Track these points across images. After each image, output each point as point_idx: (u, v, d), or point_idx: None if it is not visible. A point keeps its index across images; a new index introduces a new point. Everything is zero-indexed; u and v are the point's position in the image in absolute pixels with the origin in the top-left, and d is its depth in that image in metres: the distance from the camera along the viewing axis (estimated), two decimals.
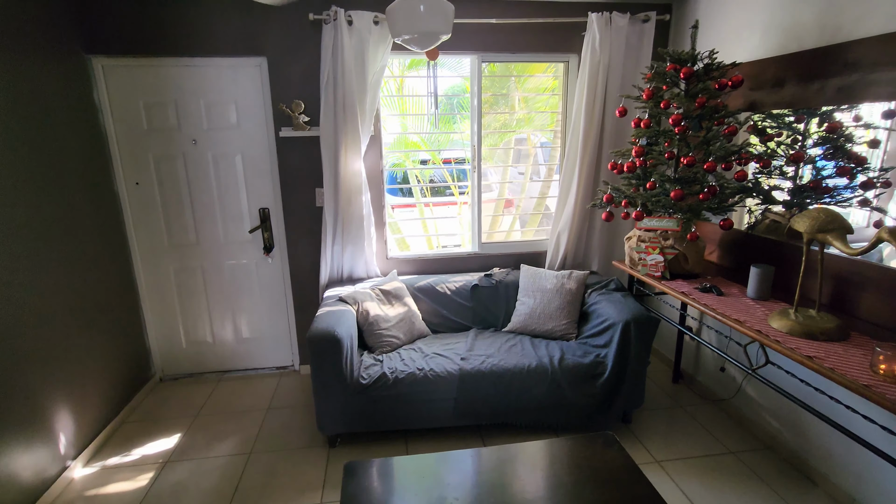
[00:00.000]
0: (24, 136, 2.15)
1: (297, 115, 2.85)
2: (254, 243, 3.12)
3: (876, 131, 1.88)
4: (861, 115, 1.92)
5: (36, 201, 2.20)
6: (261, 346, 3.31)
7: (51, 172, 2.31)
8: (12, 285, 2.02)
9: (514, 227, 4.05)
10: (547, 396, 2.47)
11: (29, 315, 2.11)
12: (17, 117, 2.12)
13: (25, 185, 2.14)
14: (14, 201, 2.07)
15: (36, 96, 2.24)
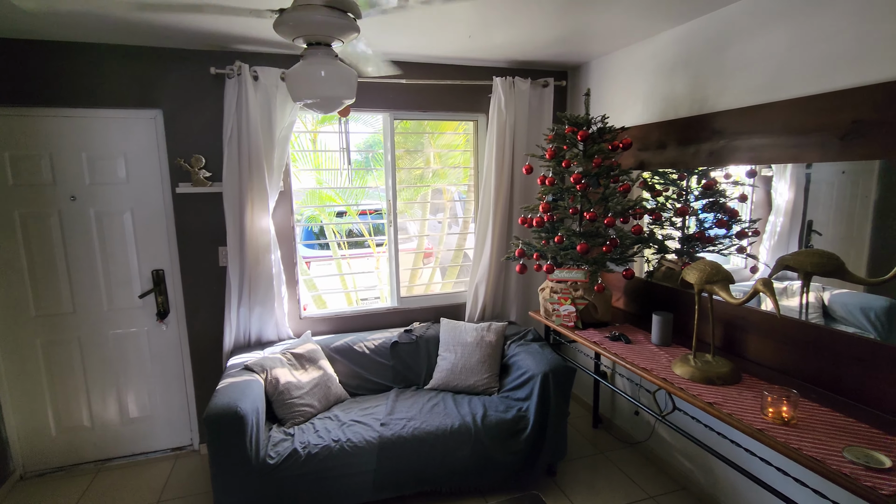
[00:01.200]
0: None
1: (198, 171, 2.67)
2: (145, 309, 2.80)
3: (743, 188, 2.13)
4: (731, 173, 2.17)
5: None
6: (152, 425, 2.91)
7: None
8: None
9: (433, 279, 4.04)
10: (471, 457, 2.38)
11: None
12: None
13: None
14: None
15: None
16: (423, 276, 4.02)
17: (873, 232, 1.64)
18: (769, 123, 1.93)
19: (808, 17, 1.78)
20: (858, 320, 1.69)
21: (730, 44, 2.10)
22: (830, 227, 1.78)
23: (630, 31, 2.46)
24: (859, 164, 1.64)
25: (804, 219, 1.89)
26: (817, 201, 1.82)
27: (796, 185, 1.90)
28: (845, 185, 1.71)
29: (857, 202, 1.69)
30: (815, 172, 1.81)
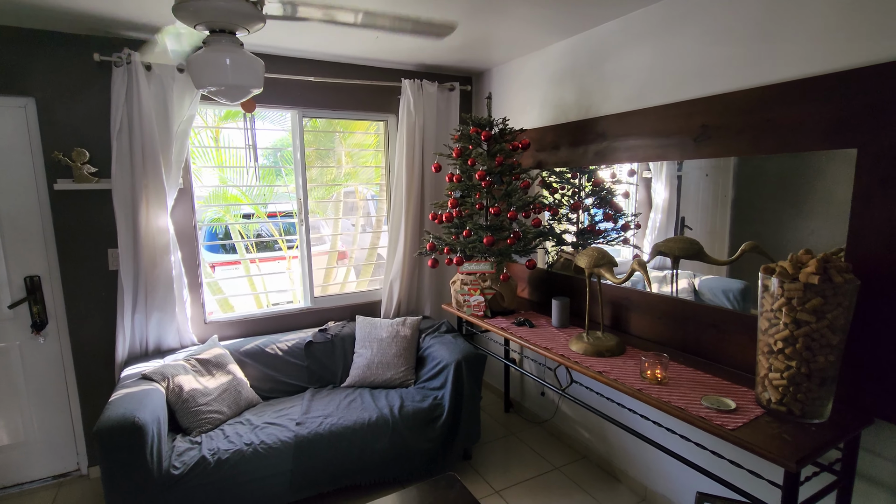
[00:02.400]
0: None
1: (80, 166, 2.44)
2: (17, 321, 2.49)
3: (626, 186, 2.42)
4: (616, 173, 2.45)
5: None
6: (28, 453, 2.58)
7: None
8: None
9: (348, 279, 4.02)
10: (390, 449, 2.43)
11: None
12: None
13: None
14: None
15: None
16: (337, 276, 3.99)
17: (732, 225, 1.95)
18: (640, 127, 2.22)
19: (665, 39, 2.09)
20: (721, 300, 2.00)
21: (608, 57, 2.39)
22: (699, 222, 2.06)
23: (525, 42, 2.68)
24: (719, 169, 1.94)
25: (678, 215, 2.17)
26: (688, 200, 2.11)
27: (670, 186, 2.18)
28: (709, 186, 2.00)
29: (718, 201, 1.98)
30: (685, 175, 2.10)
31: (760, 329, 1.56)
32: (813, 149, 1.62)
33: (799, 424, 1.47)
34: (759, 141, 1.76)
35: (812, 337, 1.42)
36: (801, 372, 1.45)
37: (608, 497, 2.43)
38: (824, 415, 1.48)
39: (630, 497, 2.43)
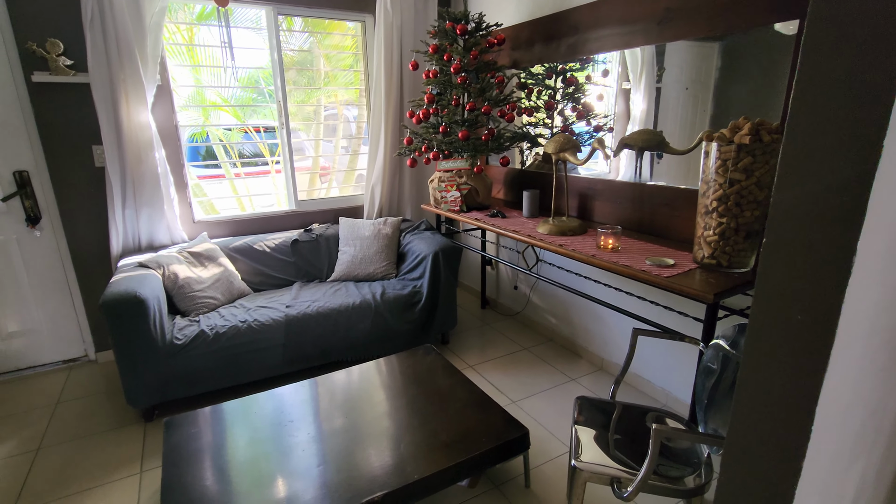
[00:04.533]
0: None
1: (55, 57, 2.44)
2: (11, 215, 2.59)
3: (602, 88, 2.48)
4: (591, 74, 2.51)
5: None
6: (37, 339, 2.78)
7: None
8: None
9: (331, 186, 4.12)
10: (372, 329, 2.67)
11: None
12: None
13: None
14: None
15: None
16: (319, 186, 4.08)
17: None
18: (610, 16, 2.27)
19: None
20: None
21: None
22: (677, 136, 2.08)
23: None
24: (699, 83, 1.93)
25: (655, 128, 2.18)
26: (666, 113, 2.12)
27: (648, 98, 2.20)
28: (688, 100, 2.01)
29: (696, 115, 2.00)
30: (665, 88, 2.10)
31: (700, 193, 1.73)
32: (761, 24, 1.71)
33: (725, 274, 1.68)
34: (714, 21, 1.84)
35: (741, 194, 1.59)
36: (730, 227, 1.64)
37: (569, 368, 2.73)
38: (748, 264, 1.69)
39: (589, 367, 2.73)
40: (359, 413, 1.87)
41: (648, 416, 1.54)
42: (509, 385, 2.57)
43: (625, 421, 1.57)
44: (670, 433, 1.17)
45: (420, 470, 1.56)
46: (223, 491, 1.50)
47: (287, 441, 1.73)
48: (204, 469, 1.61)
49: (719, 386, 1.30)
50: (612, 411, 1.61)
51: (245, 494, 1.49)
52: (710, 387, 1.36)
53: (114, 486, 1.92)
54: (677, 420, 1.56)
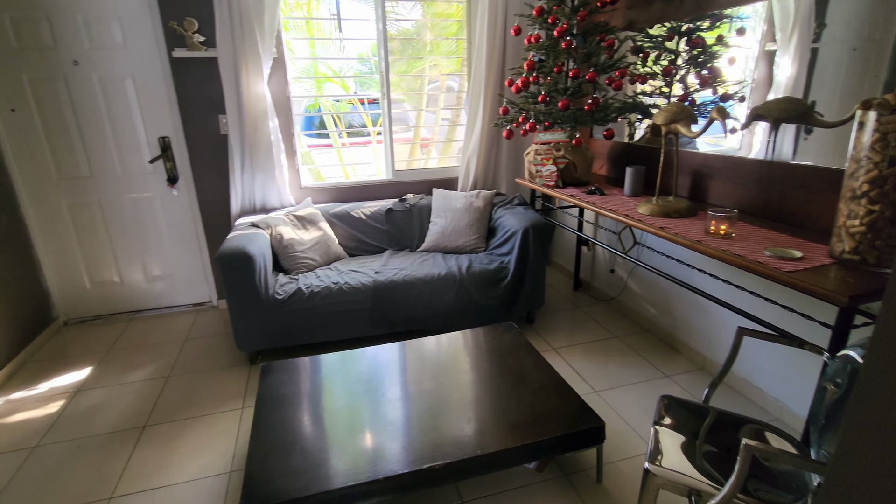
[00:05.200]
0: None
1: (191, 35, 2.72)
2: (156, 175, 3.00)
3: (734, 51, 2.13)
4: (723, 35, 2.16)
5: None
6: (174, 283, 3.24)
7: None
8: None
9: (430, 157, 4.17)
10: (456, 301, 2.67)
11: None
12: None
13: None
14: None
15: None
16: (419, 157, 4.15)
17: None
18: None
19: None
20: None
21: None
22: (835, 108, 1.69)
23: None
24: (872, 42, 1.55)
25: (806, 97, 1.80)
26: (823, 81, 1.73)
27: (800, 61, 1.82)
28: (855, 63, 1.62)
29: (865, 82, 1.60)
30: (823, 48, 1.71)
31: (847, 174, 1.42)
32: None
33: (869, 273, 1.37)
34: None
35: None
36: (884, 216, 1.33)
37: (665, 364, 2.49)
38: None
39: (688, 365, 2.47)
40: (430, 382, 1.89)
41: (744, 428, 1.34)
42: (594, 373, 2.43)
43: (719, 430, 1.38)
44: (765, 452, 0.99)
45: (484, 446, 1.54)
46: (303, 433, 1.62)
47: (357, 397, 1.80)
48: (290, 411, 1.74)
49: (842, 405, 1.08)
50: (704, 416, 1.43)
51: (320, 438, 1.59)
52: (831, 405, 1.13)
53: (219, 417, 2.18)
54: (784, 438, 1.33)
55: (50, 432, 2.11)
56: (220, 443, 2.02)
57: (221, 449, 1.98)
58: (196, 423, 2.15)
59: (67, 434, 2.09)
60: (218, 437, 2.05)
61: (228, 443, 2.02)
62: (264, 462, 1.52)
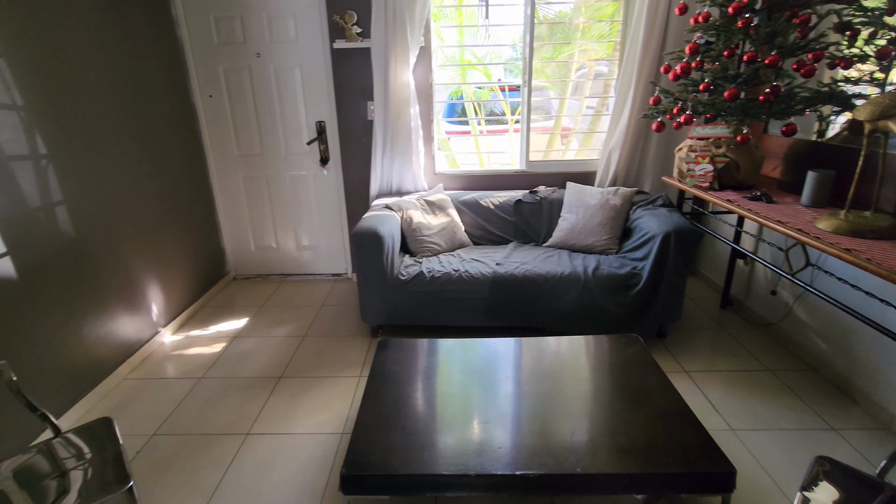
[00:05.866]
0: (112, 50, 2.43)
1: (350, 27, 2.94)
2: (311, 155, 3.34)
3: None
4: None
5: (128, 106, 2.51)
6: (317, 254, 3.60)
7: (136, 80, 2.60)
8: (118, 180, 2.37)
9: (569, 148, 3.97)
10: (578, 303, 2.51)
11: (129, 206, 2.47)
12: (106, 33, 2.39)
13: (117, 91, 2.44)
14: (111, 105, 2.38)
15: (121, 12, 2.50)
16: (558, 148, 3.97)
17: None
18: None
19: None
20: None
21: None
22: None
23: None
24: None
25: None
26: None
27: None
28: None
29: None
30: None
31: None
32: None
33: None
34: None
35: None
36: None
37: (833, 413, 2.03)
38: None
39: (866, 421, 1.98)
40: (540, 385, 1.80)
41: None
42: (732, 408, 2.09)
43: None
44: None
45: (584, 464, 1.42)
46: (407, 412, 1.67)
47: (464, 387, 1.80)
48: (399, 388, 1.81)
49: None
50: (874, 493, 1.12)
51: (423, 420, 1.62)
52: None
53: (339, 381, 2.37)
54: None
55: (212, 368, 2.51)
56: (337, 405, 2.19)
57: (337, 410, 2.16)
58: (320, 382, 2.37)
59: (224, 372, 2.47)
60: (336, 399, 2.24)
61: (344, 406, 2.19)
62: (368, 433, 1.60)
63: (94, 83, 2.30)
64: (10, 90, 1.84)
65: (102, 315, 2.31)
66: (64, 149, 2.10)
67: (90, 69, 2.27)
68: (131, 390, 2.34)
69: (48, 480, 1.25)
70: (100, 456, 1.33)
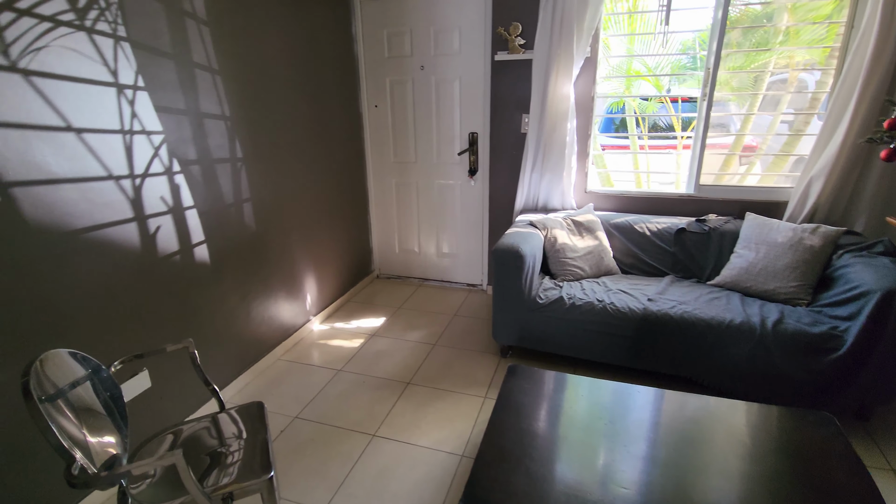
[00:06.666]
0: (300, 61, 2.72)
1: (514, 38, 2.88)
2: (460, 165, 3.37)
3: None
4: None
5: (307, 115, 2.80)
6: (456, 262, 3.63)
7: (317, 92, 2.89)
8: (292, 180, 2.67)
9: (751, 172, 3.40)
10: (748, 360, 2.10)
11: (298, 203, 2.76)
12: (297, 51, 2.69)
13: (300, 101, 2.74)
14: (294, 114, 2.68)
15: (313, 25, 2.79)
16: (737, 168, 3.42)
17: None
18: None
19: None
20: None
21: None
22: None
23: None
24: None
25: None
26: None
27: None
28: None
29: None
30: None
31: None
32: None
33: None
34: None
35: None
36: None
37: None
38: None
39: None
40: (688, 453, 1.52)
41: None
42: None
43: None
44: None
45: None
46: (532, 452, 1.55)
47: (595, 435, 1.60)
48: (525, 423, 1.69)
49: None
50: None
51: (547, 464, 1.48)
52: None
53: (463, 398, 2.33)
54: None
55: (350, 362, 2.67)
56: (460, 424, 2.15)
57: (459, 429, 2.11)
58: (445, 396, 2.35)
59: (359, 368, 2.61)
60: (459, 417, 2.19)
61: (466, 426, 2.13)
62: (489, 468, 1.50)
63: (283, 95, 2.60)
64: (221, 103, 2.16)
65: (268, 299, 2.60)
66: (254, 152, 2.41)
67: (281, 83, 2.57)
68: (283, 370, 2.59)
69: (205, 455, 1.40)
70: (252, 438, 1.46)
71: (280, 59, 2.54)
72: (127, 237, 1.77)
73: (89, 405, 1.24)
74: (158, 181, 1.88)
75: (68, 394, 1.18)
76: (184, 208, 2.01)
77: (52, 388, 1.13)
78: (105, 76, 1.64)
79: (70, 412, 1.14)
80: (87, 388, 1.26)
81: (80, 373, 1.26)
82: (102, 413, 1.26)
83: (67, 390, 1.17)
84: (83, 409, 1.21)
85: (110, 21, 1.64)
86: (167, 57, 1.87)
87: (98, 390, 1.29)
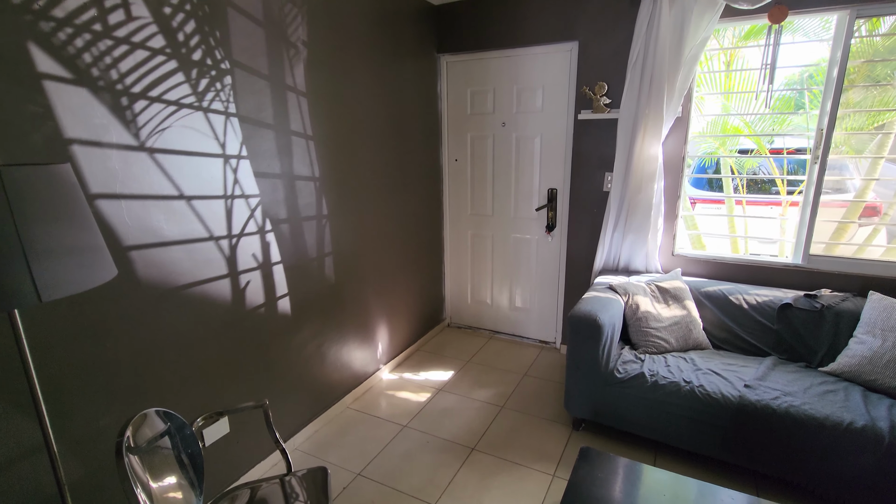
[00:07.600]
0: (386, 117, 2.87)
1: (599, 98, 2.83)
2: (538, 221, 3.32)
3: None
4: None
5: (390, 169, 2.92)
6: (529, 317, 3.53)
7: (400, 147, 3.01)
8: (372, 231, 2.78)
9: (872, 241, 2.99)
10: (873, 471, 1.78)
11: (376, 253, 2.86)
12: (387, 99, 2.84)
13: (384, 156, 2.87)
14: (377, 169, 2.81)
15: (401, 85, 2.94)
16: (855, 236, 3.03)
17: None
18: None
19: None
20: None
21: None
22: None
23: None
24: None
25: None
26: None
27: None
28: None
29: None
30: None
31: None
32: None
33: None
34: None
35: None
36: None
37: None
38: None
39: None
40: None
41: None
42: None
43: None
44: None
45: None
46: None
47: None
48: None
49: None
50: None
51: None
52: None
53: (530, 474, 2.19)
54: None
55: (416, 418, 2.64)
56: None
57: None
58: (511, 468, 2.23)
59: (425, 426, 2.57)
60: (524, 496, 2.06)
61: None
62: None
63: (368, 153, 2.73)
64: (311, 165, 2.32)
65: (342, 347, 2.67)
66: (339, 209, 2.54)
67: (367, 141, 2.71)
68: (351, 420, 2.62)
69: None
70: None
71: (368, 118, 2.69)
72: (220, 292, 1.91)
73: (170, 462, 1.31)
74: (252, 240, 2.03)
75: (152, 452, 1.26)
76: (272, 264, 2.15)
77: (140, 446, 1.22)
78: (215, 149, 1.83)
79: (151, 469, 1.22)
80: (167, 443, 1.34)
81: (165, 430, 1.35)
82: (181, 470, 1.34)
83: (153, 450, 1.26)
84: (164, 465, 1.28)
85: (223, 100, 1.83)
86: (268, 127, 2.05)
87: (179, 448, 1.37)
